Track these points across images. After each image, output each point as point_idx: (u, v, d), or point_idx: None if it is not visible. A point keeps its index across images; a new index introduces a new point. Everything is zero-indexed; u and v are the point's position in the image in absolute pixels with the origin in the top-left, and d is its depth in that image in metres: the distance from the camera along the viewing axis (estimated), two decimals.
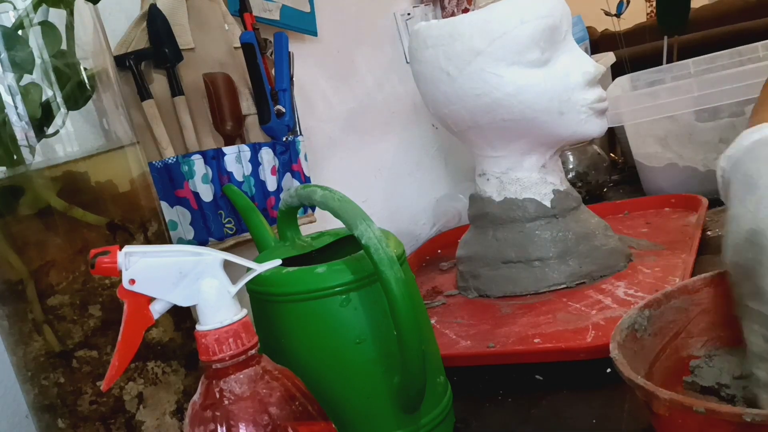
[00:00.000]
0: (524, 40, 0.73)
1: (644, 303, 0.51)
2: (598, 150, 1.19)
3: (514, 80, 0.74)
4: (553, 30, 0.74)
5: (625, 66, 1.62)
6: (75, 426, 0.49)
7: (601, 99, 0.77)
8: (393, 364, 0.50)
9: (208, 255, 0.40)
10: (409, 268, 0.55)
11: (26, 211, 0.47)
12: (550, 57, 0.74)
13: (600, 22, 2.30)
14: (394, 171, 1.17)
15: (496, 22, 0.73)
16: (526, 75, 0.74)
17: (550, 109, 0.75)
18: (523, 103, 0.75)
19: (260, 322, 0.54)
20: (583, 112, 0.75)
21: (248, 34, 0.72)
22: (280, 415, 0.39)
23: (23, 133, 0.46)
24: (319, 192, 0.52)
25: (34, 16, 0.47)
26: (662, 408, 0.40)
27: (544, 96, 0.74)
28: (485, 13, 0.74)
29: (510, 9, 0.73)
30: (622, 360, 0.44)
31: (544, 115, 0.75)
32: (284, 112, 0.74)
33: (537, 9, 0.73)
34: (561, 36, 0.75)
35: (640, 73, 1.38)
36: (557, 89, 0.74)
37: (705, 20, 2.55)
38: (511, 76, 0.74)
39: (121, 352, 0.40)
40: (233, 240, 0.70)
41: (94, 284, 0.48)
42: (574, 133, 0.77)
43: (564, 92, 0.74)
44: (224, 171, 0.68)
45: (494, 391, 0.61)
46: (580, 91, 0.75)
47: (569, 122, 0.76)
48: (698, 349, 0.51)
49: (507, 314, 0.73)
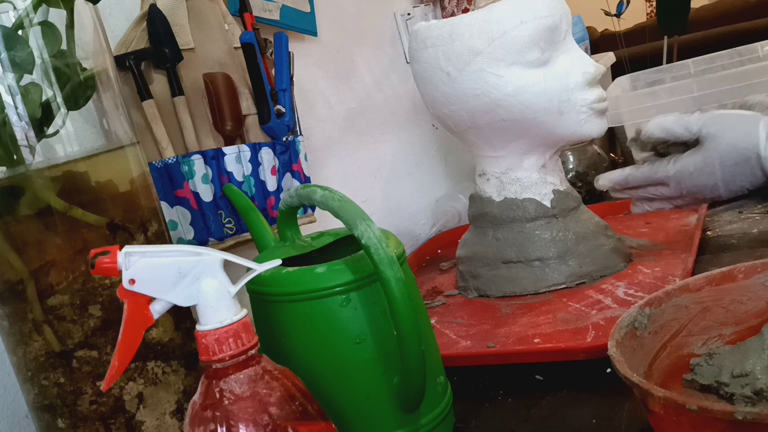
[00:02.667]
0: (523, 40, 0.73)
1: (645, 301, 0.51)
2: (598, 150, 1.19)
3: (513, 80, 0.74)
4: (553, 30, 0.74)
5: (625, 66, 1.62)
6: (75, 426, 0.49)
7: (601, 99, 0.77)
8: (393, 364, 0.50)
9: (208, 255, 0.40)
10: (409, 268, 0.55)
11: (26, 211, 0.47)
12: (549, 57, 0.74)
13: (600, 22, 2.30)
14: (393, 171, 1.17)
15: (496, 23, 0.73)
16: (525, 75, 0.74)
17: (549, 109, 0.75)
18: (522, 103, 0.75)
19: (260, 322, 0.54)
20: (583, 113, 0.75)
21: (248, 34, 0.72)
22: (280, 415, 0.39)
23: (23, 133, 0.46)
24: (319, 192, 0.52)
25: (34, 16, 0.47)
26: (657, 405, 0.40)
27: (543, 96, 0.74)
28: (484, 13, 0.74)
29: (509, 9, 0.73)
30: (620, 358, 0.44)
31: (543, 115, 0.75)
32: (284, 112, 0.74)
33: (536, 9, 0.73)
34: (561, 36, 0.75)
35: (640, 73, 1.38)
36: (557, 89, 0.74)
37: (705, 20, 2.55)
38: (511, 77, 0.74)
39: (121, 352, 0.40)
40: (233, 240, 0.70)
41: (94, 284, 0.48)
42: (574, 133, 0.77)
43: (563, 92, 0.74)
44: (224, 171, 0.68)
45: (494, 391, 0.61)
46: (580, 91, 0.75)
47: (569, 122, 0.76)
48: (698, 348, 0.51)
49: (507, 314, 0.73)
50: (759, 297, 0.52)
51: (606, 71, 1.47)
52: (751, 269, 0.53)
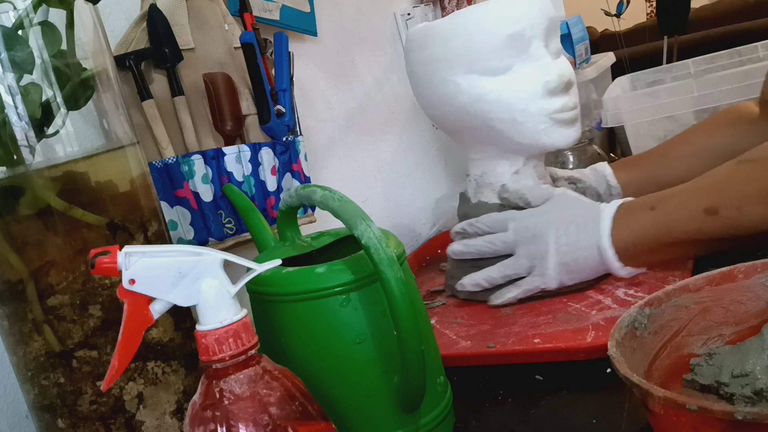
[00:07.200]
0: (480, 47, 0.73)
1: (645, 301, 0.51)
2: (598, 150, 1.19)
3: (469, 89, 0.74)
4: (515, 38, 0.72)
5: (625, 66, 1.62)
6: (75, 426, 0.49)
7: (566, 108, 0.74)
8: (393, 364, 0.50)
9: (207, 255, 0.40)
10: (409, 268, 0.55)
11: (26, 211, 0.47)
12: (512, 65, 0.73)
13: (600, 22, 2.31)
14: (393, 171, 1.17)
15: (454, 30, 0.74)
16: (482, 83, 0.73)
17: (505, 118, 0.74)
18: (480, 112, 0.74)
19: (260, 322, 0.54)
20: (543, 122, 0.73)
21: (248, 34, 0.72)
22: (280, 415, 0.39)
23: (23, 133, 0.46)
24: (319, 192, 0.52)
25: (34, 16, 0.47)
26: (657, 406, 0.40)
27: (499, 105, 0.73)
28: (447, 20, 0.74)
29: (469, 17, 0.73)
30: (620, 358, 0.44)
31: (500, 125, 0.74)
32: (284, 112, 0.74)
33: (496, 17, 0.72)
34: (526, 44, 0.73)
35: (640, 73, 1.38)
36: (512, 98, 0.73)
37: (705, 20, 2.56)
38: (467, 85, 0.74)
39: (121, 352, 0.40)
40: (233, 240, 0.70)
41: (94, 284, 0.48)
42: (535, 143, 0.75)
43: (520, 101, 0.73)
44: (224, 171, 0.68)
45: (494, 392, 0.61)
46: (540, 100, 0.73)
47: (528, 132, 0.74)
48: (699, 348, 0.51)
49: (507, 314, 0.73)
50: (759, 297, 0.52)
51: (606, 71, 1.47)
52: (751, 269, 0.53)
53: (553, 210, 0.72)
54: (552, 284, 0.70)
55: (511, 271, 0.72)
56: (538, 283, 0.71)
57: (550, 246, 0.69)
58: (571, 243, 0.69)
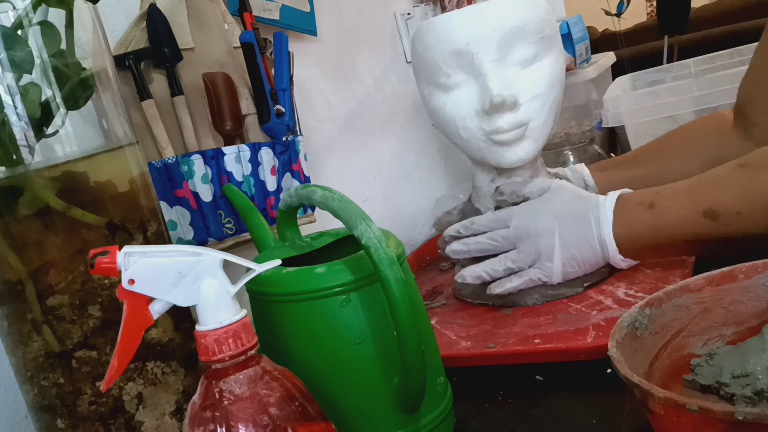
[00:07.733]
0: (430, 63, 0.74)
1: (645, 301, 0.51)
2: (598, 150, 1.19)
3: (429, 100, 0.77)
4: (459, 55, 0.71)
5: (625, 66, 1.62)
6: (74, 426, 0.48)
7: (500, 130, 0.71)
8: (393, 364, 0.50)
9: (207, 255, 0.40)
10: (409, 268, 0.55)
11: (25, 211, 0.47)
12: (459, 81, 0.73)
13: (600, 22, 2.31)
14: (393, 171, 1.17)
15: (418, 39, 0.75)
16: (436, 97, 0.75)
17: (454, 134, 0.76)
18: (438, 124, 0.78)
19: (260, 322, 0.54)
20: (483, 141, 0.73)
21: (248, 33, 0.72)
22: (280, 416, 0.39)
23: (22, 133, 0.46)
24: (318, 192, 0.52)
25: (34, 15, 0.47)
26: (657, 406, 0.40)
27: (447, 120, 0.75)
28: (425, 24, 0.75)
29: (424, 30, 0.74)
30: (620, 358, 0.44)
31: (453, 138, 0.77)
32: (284, 112, 0.74)
33: (439, 33, 0.72)
34: (469, 61, 0.71)
35: (640, 73, 1.38)
36: (455, 115, 0.74)
37: (705, 20, 2.56)
38: (428, 96, 0.77)
39: (120, 353, 0.40)
40: (233, 240, 0.70)
41: (93, 284, 0.48)
42: (483, 160, 0.76)
43: (461, 120, 0.73)
44: (224, 171, 0.68)
45: (494, 392, 0.61)
46: (477, 119, 0.73)
47: (473, 149, 0.75)
48: (699, 348, 0.51)
49: (507, 315, 0.73)
50: (759, 297, 0.52)
51: (606, 71, 1.47)
52: (752, 269, 0.53)
53: (553, 202, 0.71)
54: (556, 278, 0.71)
55: (514, 264, 0.72)
56: (540, 274, 0.71)
57: (555, 239, 0.70)
58: (575, 236, 0.69)
